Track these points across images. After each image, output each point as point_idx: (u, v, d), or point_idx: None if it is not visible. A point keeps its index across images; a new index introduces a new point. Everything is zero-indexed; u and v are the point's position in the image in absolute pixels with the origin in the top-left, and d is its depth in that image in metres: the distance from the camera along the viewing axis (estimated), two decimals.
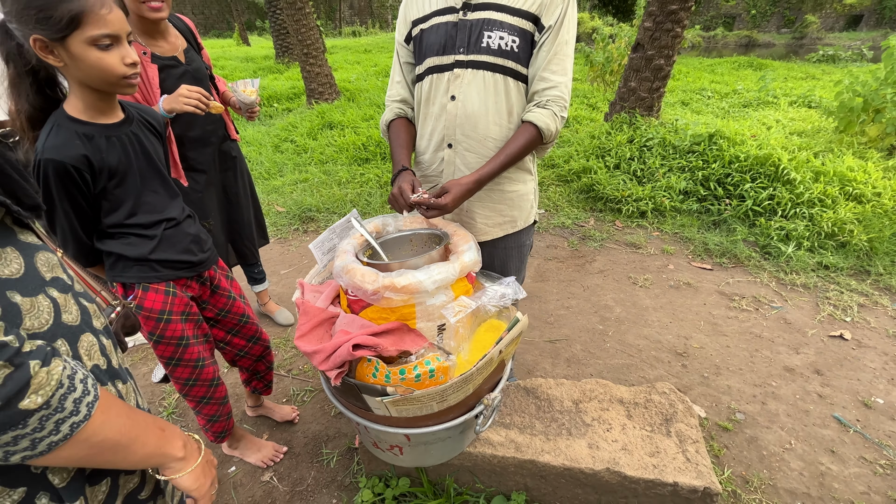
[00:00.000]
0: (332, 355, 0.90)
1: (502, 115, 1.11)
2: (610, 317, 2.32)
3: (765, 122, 4.37)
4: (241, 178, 1.91)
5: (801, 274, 2.58)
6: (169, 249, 1.11)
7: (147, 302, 1.11)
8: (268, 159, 4.42)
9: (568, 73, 1.08)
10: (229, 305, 1.32)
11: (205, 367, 1.25)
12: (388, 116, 1.26)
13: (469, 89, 1.09)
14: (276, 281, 2.70)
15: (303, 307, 1.02)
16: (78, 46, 0.84)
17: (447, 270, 0.95)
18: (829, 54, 11.36)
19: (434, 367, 0.89)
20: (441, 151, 1.19)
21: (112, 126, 1.00)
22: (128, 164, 1.02)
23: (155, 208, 1.08)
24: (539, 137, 1.09)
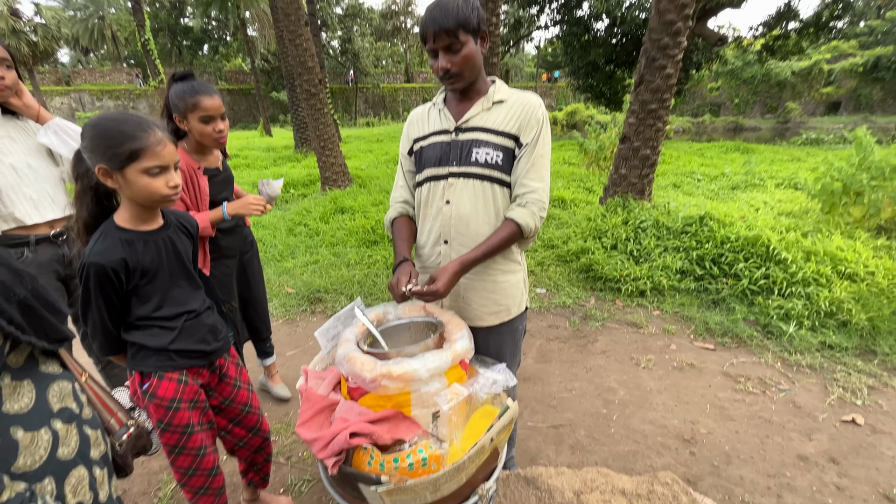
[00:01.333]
0: (330, 443, 0.95)
1: (490, 216, 1.26)
2: (614, 400, 2.29)
3: (752, 204, 4.59)
4: (256, 258, 2.10)
5: (806, 354, 2.57)
6: (187, 339, 1.21)
7: (160, 390, 1.18)
8: (281, 242, 4.66)
9: (545, 180, 1.25)
10: (234, 394, 1.38)
11: (205, 455, 1.28)
12: (392, 214, 1.42)
13: (461, 195, 1.26)
14: (281, 363, 2.74)
15: (305, 394, 1.08)
16: (133, 174, 1.04)
17: (441, 358, 1.02)
18: (812, 138, 12.09)
19: (426, 455, 0.93)
20: (438, 246, 1.32)
21: (151, 232, 1.16)
22: (159, 263, 1.16)
23: (179, 301, 1.20)
24: (519, 232, 1.23)
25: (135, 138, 1.02)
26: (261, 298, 2.15)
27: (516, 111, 1.25)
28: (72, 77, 26.88)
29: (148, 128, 1.04)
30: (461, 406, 1.04)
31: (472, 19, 1.14)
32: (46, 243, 1.62)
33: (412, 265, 1.26)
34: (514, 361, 1.45)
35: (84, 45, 29.90)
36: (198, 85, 1.59)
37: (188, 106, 1.57)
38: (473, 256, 1.20)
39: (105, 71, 27.45)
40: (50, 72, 26.38)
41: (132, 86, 26.68)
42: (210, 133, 1.63)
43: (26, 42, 20.62)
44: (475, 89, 1.28)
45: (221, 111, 1.63)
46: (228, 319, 1.94)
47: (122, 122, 1.03)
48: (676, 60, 3.87)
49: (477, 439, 1.04)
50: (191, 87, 1.58)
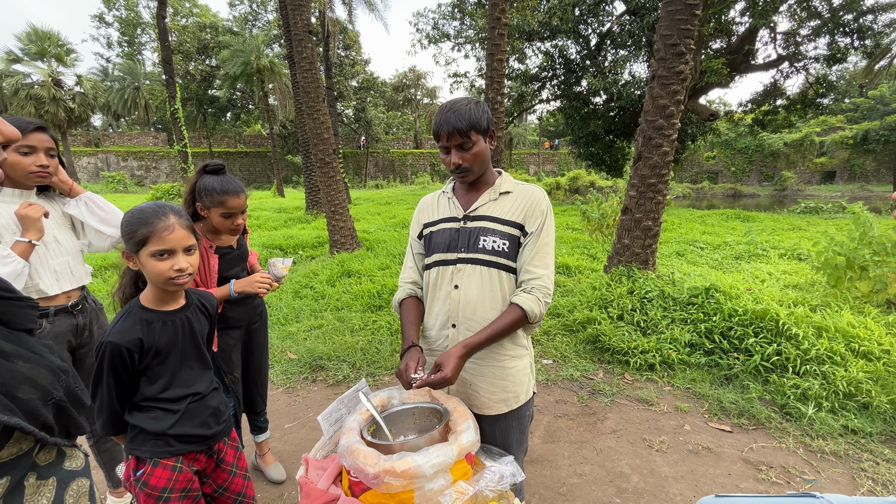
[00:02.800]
0: None
1: (497, 301, 1.28)
2: (627, 487, 2.15)
3: (757, 275, 4.60)
4: (263, 329, 2.10)
5: (829, 440, 2.44)
6: (188, 423, 1.19)
7: (153, 479, 1.14)
8: (287, 305, 4.68)
9: (549, 267, 1.28)
10: (229, 482, 1.32)
11: None
12: (400, 295, 1.45)
13: (469, 280, 1.29)
14: (279, 436, 2.64)
15: (305, 488, 1.04)
16: (144, 257, 1.12)
17: (446, 454, 1.00)
18: (811, 206, 12.33)
19: None
20: (446, 330, 1.33)
21: (170, 312, 1.20)
22: (173, 343, 1.19)
23: (186, 382, 1.20)
24: (524, 317, 1.24)
25: (147, 223, 1.11)
26: (261, 370, 2.13)
27: (521, 202, 1.32)
28: (101, 139, 28.62)
29: (163, 214, 1.13)
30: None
31: (482, 121, 1.25)
32: (64, 314, 1.65)
33: (420, 351, 1.26)
34: (521, 449, 1.40)
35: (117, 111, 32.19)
36: (227, 182, 1.69)
37: (214, 202, 1.67)
38: (478, 340, 1.21)
39: (133, 134, 29.27)
40: (82, 134, 28.14)
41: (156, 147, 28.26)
42: (228, 226, 1.73)
43: (64, 108, 22.24)
44: (483, 180, 1.36)
45: (244, 208, 1.73)
46: (230, 391, 1.91)
47: (143, 210, 1.13)
48: (672, 139, 4.09)
49: None
50: (220, 184, 1.67)
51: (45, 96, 21.58)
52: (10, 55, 22.08)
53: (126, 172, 26.77)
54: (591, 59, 13.31)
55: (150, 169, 28.03)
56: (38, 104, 21.42)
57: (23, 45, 22.20)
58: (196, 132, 30.45)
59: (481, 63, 15.41)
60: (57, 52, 22.58)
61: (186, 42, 28.05)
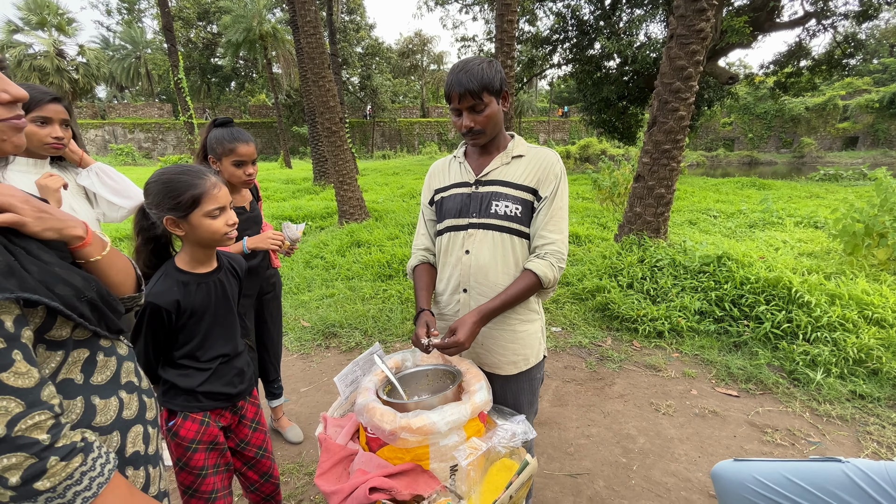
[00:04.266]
0: (348, 497, 0.94)
1: (509, 266, 1.28)
2: (633, 448, 2.22)
3: (772, 243, 4.53)
4: (276, 300, 2.14)
5: (836, 404, 2.47)
6: (216, 382, 1.25)
7: (183, 430, 1.21)
8: (298, 275, 4.74)
9: (563, 232, 1.27)
10: (250, 437, 1.39)
11: (217, 499, 1.28)
12: (413, 262, 1.46)
13: (481, 245, 1.29)
14: (295, 399, 2.74)
15: (325, 444, 1.09)
16: (196, 219, 1.13)
17: (459, 412, 1.03)
18: (830, 174, 11.97)
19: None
20: (457, 294, 1.34)
21: (205, 274, 1.23)
22: (207, 304, 1.23)
23: (218, 343, 1.26)
24: (538, 283, 1.25)
25: (194, 186, 1.11)
26: (275, 339, 2.18)
27: (535, 165, 1.29)
28: (107, 111, 28.46)
29: (203, 175, 1.14)
30: (479, 460, 1.03)
31: (495, 82, 1.21)
32: None
33: (431, 315, 1.28)
34: (532, 410, 1.44)
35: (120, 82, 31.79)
36: (236, 132, 1.71)
37: (225, 150, 1.68)
38: (492, 307, 1.22)
39: (138, 106, 29.02)
40: (87, 106, 27.98)
41: (162, 119, 28.07)
42: (241, 176, 1.74)
43: (68, 80, 22.04)
44: (495, 144, 1.34)
45: (254, 157, 1.74)
46: None
47: (181, 174, 1.13)
48: (689, 103, 3.94)
49: (495, 494, 1.02)
50: (230, 133, 1.70)
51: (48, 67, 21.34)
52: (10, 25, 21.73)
53: (133, 145, 26.76)
54: (605, 20, 12.72)
55: (157, 141, 27.96)
56: (43, 75, 21.22)
57: (22, 15, 21.80)
58: (200, 103, 30.11)
59: (490, 26, 14.83)
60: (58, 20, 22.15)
61: (186, 8, 27.31)
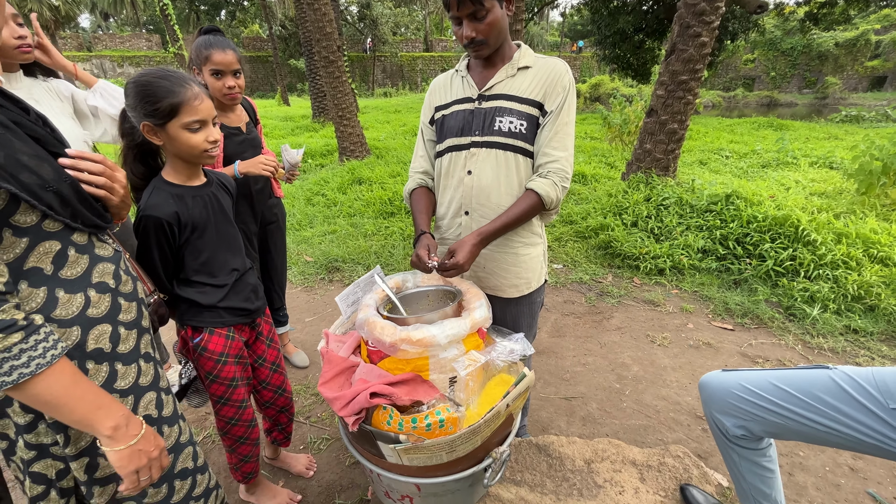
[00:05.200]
0: (351, 402, 0.98)
1: (512, 186, 1.24)
2: (627, 375, 2.30)
3: (783, 183, 4.42)
4: (280, 231, 2.13)
5: (829, 338, 2.52)
6: (235, 298, 1.26)
7: (211, 345, 1.23)
8: (300, 211, 4.71)
9: (568, 149, 1.21)
10: (266, 353, 1.44)
11: (246, 408, 1.35)
12: (410, 185, 1.42)
13: (483, 165, 1.23)
14: (300, 328, 2.82)
15: (327, 356, 1.11)
16: (174, 130, 1.06)
17: (459, 326, 1.04)
18: (852, 115, 11.43)
19: (444, 417, 0.95)
20: (458, 217, 1.31)
21: (197, 188, 1.19)
22: (207, 218, 1.20)
23: (227, 258, 1.25)
24: (540, 204, 1.20)
25: (174, 94, 1.03)
26: (279, 269, 2.19)
27: (542, 77, 1.21)
28: (93, 42, 26.97)
29: (186, 83, 1.06)
30: (478, 372, 1.06)
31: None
32: None
33: (431, 238, 1.26)
34: (531, 333, 1.46)
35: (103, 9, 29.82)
36: (214, 39, 1.56)
37: (201, 59, 1.55)
38: (492, 228, 1.19)
39: (125, 37, 27.41)
40: (72, 37, 26.48)
41: (151, 52, 26.67)
42: (220, 88, 1.59)
43: (48, 6, 20.67)
44: (500, 55, 1.24)
45: (234, 67, 1.59)
46: None
47: (162, 78, 1.04)
48: (713, 28, 3.66)
49: (493, 405, 1.06)
50: (207, 40, 1.56)
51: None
52: None
53: (124, 79, 25.61)
54: None
55: None
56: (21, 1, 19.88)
57: None
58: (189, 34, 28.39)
59: None
60: None
61: None
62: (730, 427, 1.05)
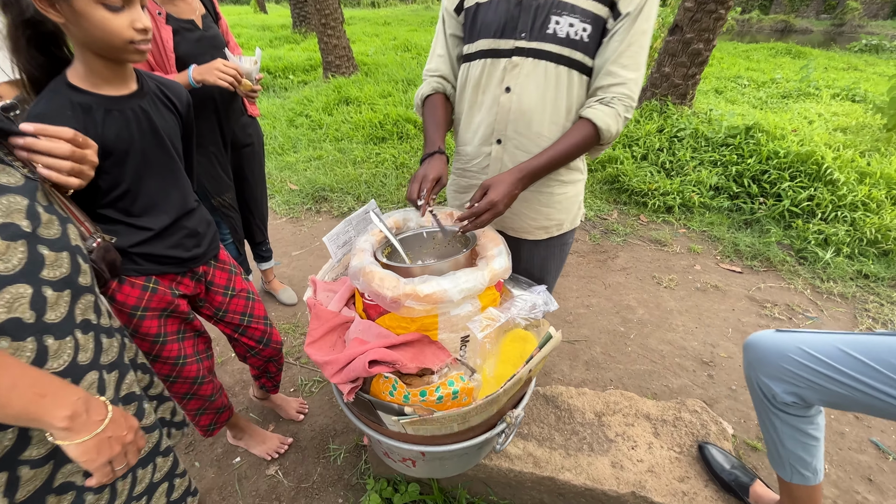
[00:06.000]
0: (345, 368, 0.82)
1: (560, 112, 0.98)
2: (632, 318, 2.21)
3: (806, 116, 4.12)
4: (257, 156, 1.85)
5: (839, 282, 2.43)
6: (157, 244, 1.01)
7: (119, 295, 0.99)
8: (282, 134, 4.31)
9: (640, 69, 0.94)
10: (226, 304, 1.23)
11: (185, 365, 1.15)
12: (424, 90, 1.13)
13: (527, 82, 0.97)
14: (287, 262, 2.64)
15: (314, 310, 0.93)
16: (83, 3, 0.74)
17: (475, 279, 0.85)
18: (872, 44, 10.72)
19: (458, 388, 0.80)
20: (487, 146, 1.07)
21: (117, 99, 0.89)
22: (129, 141, 0.92)
23: (155, 198, 0.98)
24: (596, 137, 0.96)
25: None
26: (258, 199, 1.94)
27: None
28: None
29: None
30: (494, 333, 0.89)
31: None
32: None
33: (442, 161, 1.01)
34: (556, 279, 1.29)
35: None
36: None
37: None
38: (537, 165, 0.95)
39: None
40: None
41: None
42: None
43: None
44: None
45: None
46: (221, 216, 1.75)
47: None
48: None
49: (512, 368, 0.91)
50: None
51: None
52: None
53: None
54: None
55: None
56: None
57: None
58: None
59: None
60: None
61: None
62: (779, 393, 0.93)
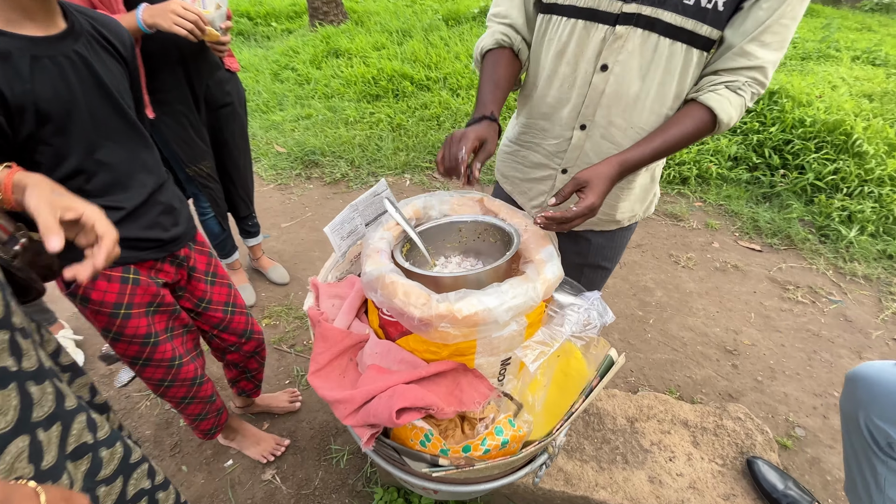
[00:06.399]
0: (362, 408, 0.64)
1: (667, 99, 0.78)
2: (650, 301, 2.07)
3: (829, 80, 3.88)
4: (237, 117, 1.58)
5: (863, 263, 2.32)
6: (131, 225, 0.82)
7: (95, 293, 0.82)
8: (266, 89, 3.93)
9: (784, 48, 0.72)
10: (210, 293, 1.05)
11: (182, 365, 1.00)
12: (486, 42, 0.88)
13: (630, 60, 0.75)
14: (276, 235, 2.41)
15: (319, 328, 0.74)
16: None
17: (526, 293, 0.67)
18: (884, 3, 10.26)
19: (508, 437, 0.64)
20: (569, 131, 0.87)
21: (45, 41, 0.66)
22: (70, 100, 0.70)
23: (117, 171, 0.78)
24: (712, 128, 0.77)
25: None
26: (241, 167, 1.68)
27: None
28: None
29: None
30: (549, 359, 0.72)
31: None
32: None
33: (496, 131, 0.80)
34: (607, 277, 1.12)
35: None
36: None
37: None
38: (640, 158, 0.76)
39: None
40: None
41: None
42: None
43: None
44: None
45: None
46: (199, 187, 1.51)
47: None
48: None
49: (558, 393, 0.75)
50: None
51: None
52: None
53: None
54: None
55: None
56: None
57: None
58: None
59: None
60: None
61: None
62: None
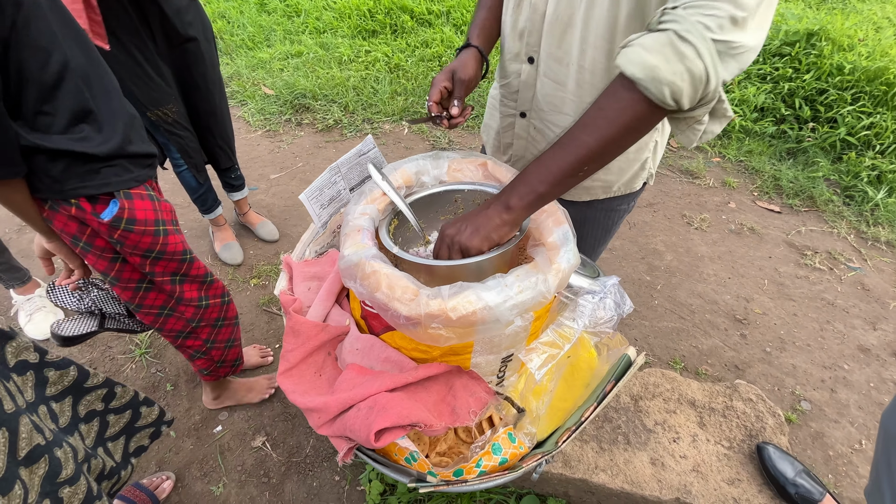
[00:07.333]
0: (338, 418, 0.55)
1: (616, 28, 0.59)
2: (659, 265, 1.97)
3: (873, 20, 3.50)
4: (204, 53, 1.36)
5: (886, 227, 2.19)
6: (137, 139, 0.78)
7: (139, 213, 0.78)
8: (251, 21, 3.58)
9: None
10: None
11: (213, 281, 1.00)
12: None
13: None
14: (265, 188, 2.27)
15: (291, 320, 0.63)
16: None
17: (535, 287, 0.55)
18: None
19: (507, 456, 0.55)
20: (517, 63, 0.73)
21: None
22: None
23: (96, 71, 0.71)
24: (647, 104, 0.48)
25: None
26: (217, 112, 1.48)
27: None
28: None
29: None
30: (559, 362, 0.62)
31: None
32: None
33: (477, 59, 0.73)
34: (598, 253, 1.01)
35: None
36: None
37: None
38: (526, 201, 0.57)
39: None
40: None
41: None
42: None
43: None
44: None
45: None
46: (167, 135, 1.35)
47: None
48: None
49: (565, 389, 0.67)
50: None
51: None
52: None
53: None
54: None
55: None
56: None
57: None
58: None
59: None
60: None
61: None
62: None
